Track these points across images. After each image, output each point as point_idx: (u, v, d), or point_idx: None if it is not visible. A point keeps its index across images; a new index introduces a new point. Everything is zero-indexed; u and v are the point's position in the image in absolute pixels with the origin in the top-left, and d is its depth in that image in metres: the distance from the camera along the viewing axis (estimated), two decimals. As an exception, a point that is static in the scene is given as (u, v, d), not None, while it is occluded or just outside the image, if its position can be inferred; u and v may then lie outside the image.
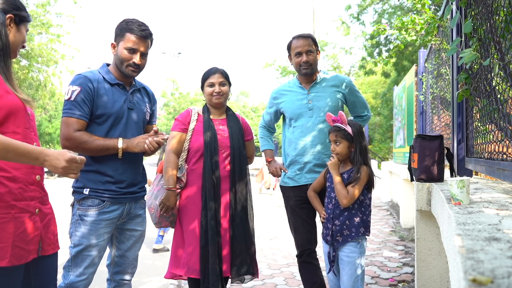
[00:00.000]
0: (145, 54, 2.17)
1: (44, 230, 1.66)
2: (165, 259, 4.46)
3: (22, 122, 1.58)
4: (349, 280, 2.25)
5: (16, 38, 1.65)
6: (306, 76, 2.67)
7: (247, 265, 2.52)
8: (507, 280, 0.66)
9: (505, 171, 1.65)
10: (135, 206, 2.21)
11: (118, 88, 2.17)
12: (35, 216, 1.60)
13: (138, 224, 2.24)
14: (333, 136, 2.31)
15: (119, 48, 2.13)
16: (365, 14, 15.10)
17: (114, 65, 2.18)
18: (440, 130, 4.22)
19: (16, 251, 1.51)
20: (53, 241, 1.72)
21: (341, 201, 2.24)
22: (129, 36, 2.10)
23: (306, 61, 2.60)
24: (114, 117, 2.10)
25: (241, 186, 2.57)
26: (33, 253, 1.58)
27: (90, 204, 2.04)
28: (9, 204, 1.52)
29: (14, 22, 1.64)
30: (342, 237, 2.28)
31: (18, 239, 1.52)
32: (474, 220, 1.17)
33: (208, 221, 2.43)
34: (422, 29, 4.19)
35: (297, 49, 2.62)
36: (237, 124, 2.67)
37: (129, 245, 2.23)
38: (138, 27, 2.11)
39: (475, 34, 2.09)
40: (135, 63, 2.12)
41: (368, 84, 22.59)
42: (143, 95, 2.31)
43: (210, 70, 2.64)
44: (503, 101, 1.68)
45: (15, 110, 1.56)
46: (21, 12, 1.65)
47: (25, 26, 1.68)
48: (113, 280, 2.24)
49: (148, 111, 2.31)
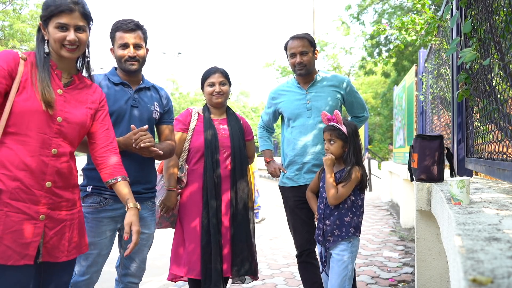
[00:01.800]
0: (138, 45, 2.16)
1: (56, 237, 1.63)
2: (165, 259, 4.46)
3: (37, 126, 1.57)
4: (337, 279, 2.24)
5: (51, 40, 1.66)
6: (301, 76, 2.67)
7: (248, 265, 2.52)
8: (507, 280, 0.66)
9: (505, 171, 1.65)
10: (142, 207, 2.20)
11: (123, 87, 2.18)
12: (37, 222, 1.57)
13: (145, 227, 2.21)
14: (328, 135, 2.30)
15: (115, 49, 2.16)
16: (365, 14, 15.14)
17: (118, 67, 2.22)
18: (440, 130, 4.22)
19: (3, 249, 1.48)
20: (68, 248, 1.68)
21: (329, 199, 2.23)
22: (118, 34, 2.13)
23: (299, 62, 2.60)
24: (116, 114, 2.11)
25: (242, 185, 2.57)
26: (27, 259, 1.53)
27: (92, 201, 2.05)
28: (2, 201, 1.50)
29: (44, 26, 1.66)
30: (333, 237, 2.26)
31: (7, 238, 1.49)
32: (474, 220, 1.17)
33: (209, 220, 2.43)
34: (422, 29, 4.19)
35: (291, 50, 2.62)
36: (237, 123, 2.67)
37: (136, 248, 2.22)
38: (124, 21, 2.14)
39: (475, 34, 2.09)
40: (130, 56, 2.13)
41: (368, 84, 22.60)
42: (152, 94, 2.30)
43: (210, 70, 2.64)
44: (503, 101, 1.67)
45: (30, 115, 1.56)
46: (43, 13, 1.65)
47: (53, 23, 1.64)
48: (121, 282, 2.24)
49: (157, 110, 2.28)
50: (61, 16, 1.63)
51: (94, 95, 1.83)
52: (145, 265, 2.30)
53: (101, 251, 2.06)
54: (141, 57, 2.18)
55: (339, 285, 2.23)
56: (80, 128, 1.72)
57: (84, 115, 1.74)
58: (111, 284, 2.41)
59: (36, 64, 1.63)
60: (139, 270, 2.25)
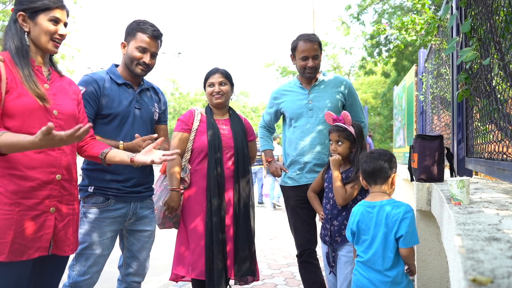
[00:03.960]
0: (155, 55, 2.19)
1: (63, 231, 1.66)
2: (165, 259, 4.46)
3: (38, 122, 1.57)
4: (345, 280, 2.25)
5: (36, 33, 1.63)
6: (309, 79, 2.68)
7: (249, 264, 2.52)
8: (507, 280, 0.66)
9: (505, 171, 1.65)
10: (141, 206, 2.21)
11: (126, 88, 2.17)
12: (49, 214, 1.60)
13: (146, 224, 2.24)
14: (336, 136, 2.30)
15: (129, 47, 2.14)
16: (365, 14, 15.14)
17: (123, 64, 2.20)
18: (440, 130, 4.22)
19: (15, 248, 1.51)
20: (72, 242, 1.73)
21: (338, 200, 2.24)
22: (141, 35, 2.12)
23: (312, 66, 2.60)
24: (121, 116, 2.11)
25: (245, 186, 2.57)
26: (41, 250, 1.58)
27: (94, 201, 2.05)
28: (14, 201, 1.52)
29: (29, 18, 1.63)
30: (341, 237, 2.27)
31: (19, 236, 1.52)
32: (474, 220, 1.17)
33: (213, 220, 2.43)
34: (422, 29, 4.19)
35: (304, 53, 2.60)
36: (240, 124, 2.67)
37: (139, 246, 2.23)
38: (150, 27, 2.15)
39: (475, 34, 2.09)
40: (145, 62, 2.14)
41: (368, 84, 22.60)
42: (152, 95, 2.31)
43: (210, 71, 2.65)
44: (503, 101, 1.67)
45: (27, 112, 1.56)
46: (32, 4, 1.63)
47: (45, 16, 1.63)
48: (124, 281, 2.25)
49: (157, 111, 2.31)
50: (55, 11, 1.64)
51: (71, 86, 1.85)
52: (148, 263, 2.31)
53: (103, 251, 2.06)
54: (153, 66, 2.21)
55: (348, 286, 2.23)
56: (73, 119, 1.75)
57: (73, 105, 1.78)
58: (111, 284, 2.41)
59: (14, 62, 1.58)
60: (142, 269, 2.26)
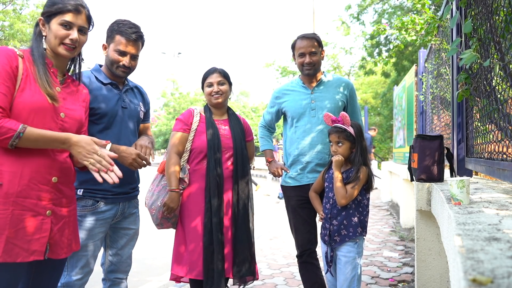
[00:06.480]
0: (135, 56, 2.16)
1: (58, 233, 1.65)
2: (165, 259, 4.46)
3: (43, 122, 1.58)
4: (345, 280, 2.25)
5: (49, 36, 1.66)
6: (308, 76, 2.68)
7: (248, 265, 2.52)
8: (507, 280, 0.66)
9: (505, 171, 1.65)
10: (129, 206, 2.22)
11: (111, 87, 2.17)
12: (45, 218, 1.59)
13: (131, 222, 2.25)
14: (335, 137, 2.30)
15: (109, 49, 2.12)
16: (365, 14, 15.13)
17: (105, 65, 2.19)
18: (440, 130, 4.22)
19: (9, 248, 1.49)
20: (67, 245, 1.71)
21: (338, 200, 2.24)
22: (119, 38, 2.09)
23: (309, 62, 2.61)
24: (109, 116, 2.10)
25: (243, 186, 2.57)
26: (37, 254, 1.56)
27: (84, 204, 2.04)
28: (9, 201, 1.51)
29: (46, 23, 1.66)
30: (340, 237, 2.28)
31: (14, 236, 1.50)
32: (474, 220, 1.17)
33: (212, 221, 2.43)
34: (422, 29, 4.19)
35: (300, 50, 2.62)
36: (238, 124, 2.67)
37: (123, 244, 2.24)
38: (129, 29, 2.09)
39: (475, 34, 2.09)
40: (124, 65, 2.12)
41: (368, 84, 22.58)
42: (136, 95, 2.31)
43: (208, 70, 2.64)
44: (503, 101, 1.68)
45: (35, 110, 1.57)
46: (48, 9, 1.65)
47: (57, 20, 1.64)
48: (108, 279, 2.25)
49: (142, 110, 2.32)
50: (67, 15, 1.64)
51: (83, 94, 1.88)
52: (131, 260, 2.31)
53: (94, 252, 2.08)
54: (134, 67, 2.19)
55: (348, 286, 2.24)
56: (78, 124, 1.76)
57: (81, 112, 1.79)
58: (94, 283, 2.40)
59: (33, 61, 1.63)
60: (125, 266, 2.27)
